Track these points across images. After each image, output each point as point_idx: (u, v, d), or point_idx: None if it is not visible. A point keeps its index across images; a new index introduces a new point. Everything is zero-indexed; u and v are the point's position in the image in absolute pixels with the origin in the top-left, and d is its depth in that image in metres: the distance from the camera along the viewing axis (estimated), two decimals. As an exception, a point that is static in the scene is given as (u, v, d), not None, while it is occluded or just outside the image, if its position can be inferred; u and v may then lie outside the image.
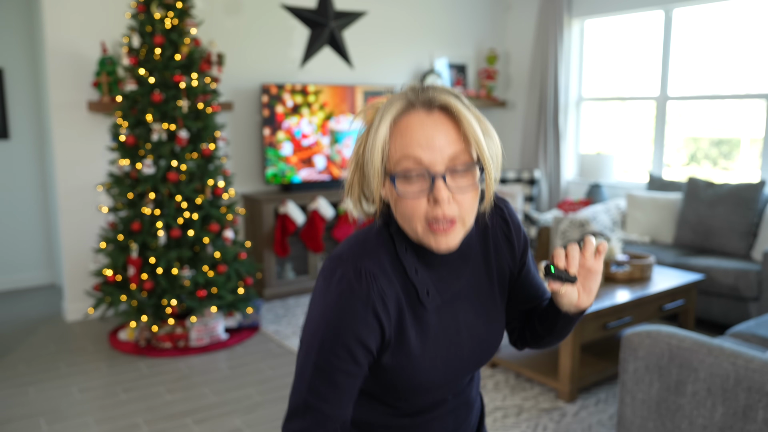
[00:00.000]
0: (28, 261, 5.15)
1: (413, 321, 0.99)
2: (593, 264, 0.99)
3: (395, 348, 0.99)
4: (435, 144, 0.90)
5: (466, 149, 0.92)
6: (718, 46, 4.84)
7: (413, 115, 0.92)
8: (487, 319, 1.08)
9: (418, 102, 0.93)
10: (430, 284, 1.00)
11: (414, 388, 1.02)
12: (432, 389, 1.05)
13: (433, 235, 0.93)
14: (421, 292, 0.99)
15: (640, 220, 4.75)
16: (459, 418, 1.14)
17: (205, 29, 4.56)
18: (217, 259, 3.85)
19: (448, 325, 1.03)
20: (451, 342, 1.03)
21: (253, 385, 3.32)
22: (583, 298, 1.01)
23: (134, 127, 3.78)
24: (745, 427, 1.79)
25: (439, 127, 0.91)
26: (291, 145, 4.83)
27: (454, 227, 0.93)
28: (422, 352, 1.00)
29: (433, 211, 0.91)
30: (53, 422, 2.94)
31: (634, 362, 2.09)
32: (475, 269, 1.06)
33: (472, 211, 0.95)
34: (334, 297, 0.94)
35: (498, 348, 1.12)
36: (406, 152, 0.91)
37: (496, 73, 6.01)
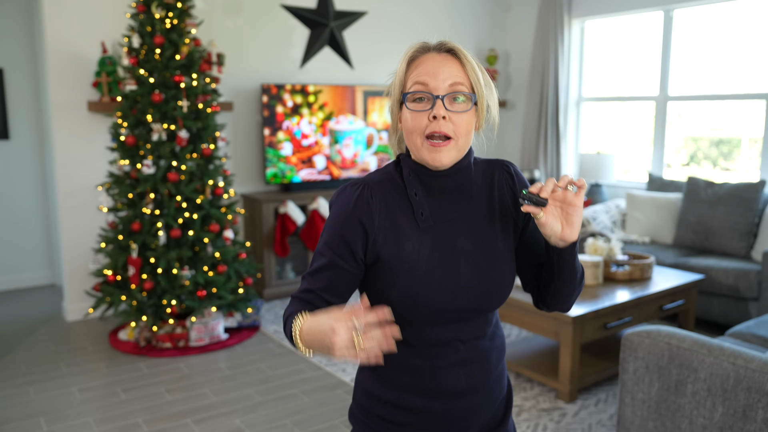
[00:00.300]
0: (28, 261, 5.15)
1: (410, 235, 1.14)
2: (571, 196, 1.09)
3: (391, 255, 1.14)
4: (439, 74, 1.10)
5: (465, 83, 1.11)
6: (718, 46, 4.84)
7: (427, 54, 1.13)
8: (488, 254, 1.17)
9: (432, 46, 1.14)
10: (426, 208, 1.16)
11: (412, 300, 1.13)
12: (430, 309, 1.14)
13: (429, 149, 1.10)
14: (417, 212, 1.15)
15: (640, 220, 4.75)
16: (472, 377, 1.20)
17: (205, 29, 4.56)
18: (217, 259, 3.85)
19: (443, 246, 1.15)
20: (447, 263, 1.15)
21: (253, 385, 3.32)
22: (567, 231, 1.10)
23: (134, 127, 3.78)
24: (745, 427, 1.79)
25: (445, 63, 1.11)
26: (291, 145, 4.83)
27: (447, 144, 1.10)
28: (416, 264, 1.13)
29: (431, 127, 1.09)
30: (53, 422, 2.94)
31: (634, 362, 2.09)
32: (478, 209, 1.19)
33: (466, 134, 1.12)
34: (336, 205, 1.17)
35: (504, 294, 1.20)
36: (416, 79, 1.11)
37: (496, 73, 6.01)
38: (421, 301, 1.14)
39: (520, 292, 3.36)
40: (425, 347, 1.18)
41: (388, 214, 1.15)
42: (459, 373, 1.20)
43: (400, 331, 1.12)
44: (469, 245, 1.17)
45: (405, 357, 1.19)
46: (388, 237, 1.15)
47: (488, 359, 1.23)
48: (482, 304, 1.18)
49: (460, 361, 1.20)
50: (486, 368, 1.23)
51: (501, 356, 1.27)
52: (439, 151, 1.10)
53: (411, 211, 1.16)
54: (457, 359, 1.19)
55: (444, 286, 1.14)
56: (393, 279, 1.14)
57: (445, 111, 1.09)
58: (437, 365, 1.19)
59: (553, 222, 1.09)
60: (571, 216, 1.09)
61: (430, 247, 1.15)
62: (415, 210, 1.15)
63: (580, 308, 3.09)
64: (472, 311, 1.18)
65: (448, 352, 1.19)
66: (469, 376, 1.21)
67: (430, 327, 1.17)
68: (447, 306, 1.15)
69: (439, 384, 1.19)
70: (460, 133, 1.11)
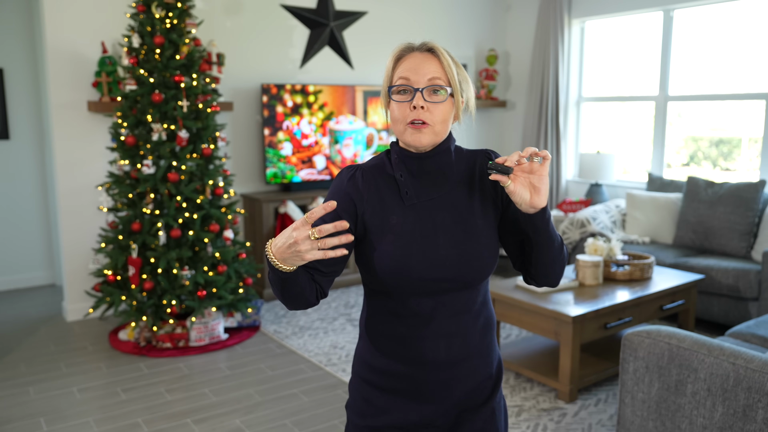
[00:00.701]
0: (28, 261, 5.15)
1: (395, 211, 1.30)
2: (537, 166, 1.19)
3: (376, 227, 1.29)
4: (420, 70, 1.25)
5: (442, 78, 1.26)
6: (718, 46, 4.84)
7: (411, 53, 1.29)
8: (466, 228, 1.30)
9: (415, 46, 1.30)
10: (411, 188, 1.30)
11: (395, 269, 1.26)
12: (411, 277, 1.26)
13: (411, 132, 1.26)
14: (402, 191, 1.30)
15: (640, 220, 4.75)
16: (452, 349, 1.32)
17: (205, 29, 4.56)
18: (217, 259, 3.85)
19: (424, 221, 1.29)
20: (427, 235, 1.28)
21: (253, 385, 3.32)
22: (535, 198, 1.20)
23: (134, 127, 3.78)
24: (745, 427, 1.79)
25: (425, 60, 1.26)
26: (291, 145, 4.84)
27: (425, 127, 1.26)
28: (399, 235, 1.28)
29: (412, 115, 1.25)
30: (53, 422, 2.94)
31: (634, 362, 2.09)
32: (458, 189, 1.32)
33: (442, 121, 1.28)
34: (332, 184, 1.35)
35: (482, 266, 1.29)
36: (401, 75, 1.27)
37: (496, 73, 6.01)
38: (403, 269, 1.26)
39: (519, 291, 3.36)
40: (410, 317, 1.30)
41: (376, 192, 1.31)
42: (440, 344, 1.31)
43: (388, 301, 1.30)
44: (449, 220, 1.29)
45: (393, 326, 1.32)
46: (375, 211, 1.30)
47: (470, 335, 1.33)
48: (460, 274, 1.28)
49: (442, 333, 1.31)
50: (467, 343, 1.33)
51: (486, 334, 1.37)
52: (419, 133, 1.26)
53: (398, 191, 1.31)
54: (439, 331, 1.30)
55: (423, 256, 1.26)
56: (379, 249, 1.28)
57: (423, 102, 1.25)
58: (420, 335, 1.30)
59: (521, 191, 1.20)
60: (538, 184, 1.20)
61: (412, 221, 1.29)
62: (401, 189, 1.30)
63: (580, 308, 3.10)
64: (452, 281, 1.28)
65: (430, 323, 1.30)
66: (449, 348, 1.31)
67: (415, 298, 1.29)
68: (426, 275, 1.26)
69: (421, 353, 1.31)
70: (436, 121, 1.27)
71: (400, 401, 1.34)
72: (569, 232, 4.82)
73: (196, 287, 3.75)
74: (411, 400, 1.34)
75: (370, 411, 1.37)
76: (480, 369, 1.36)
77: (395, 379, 1.34)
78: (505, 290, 3.40)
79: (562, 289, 3.39)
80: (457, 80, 1.28)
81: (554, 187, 5.83)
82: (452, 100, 1.28)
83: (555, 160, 5.78)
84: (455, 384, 1.33)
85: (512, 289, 3.43)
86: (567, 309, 3.08)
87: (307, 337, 3.98)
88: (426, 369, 1.32)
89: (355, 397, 1.41)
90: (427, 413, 1.34)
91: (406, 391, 1.34)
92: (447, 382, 1.33)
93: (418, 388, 1.33)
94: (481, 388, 1.37)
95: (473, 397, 1.36)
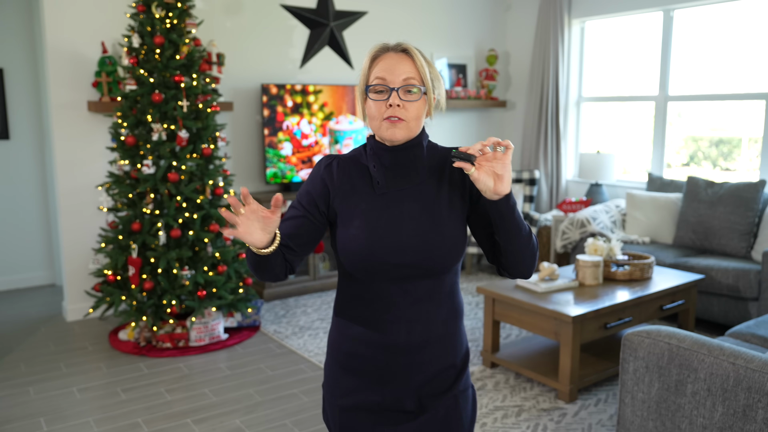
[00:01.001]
0: (28, 261, 5.15)
1: (366, 199, 1.38)
2: (500, 155, 1.27)
3: (346, 212, 1.38)
4: (395, 70, 1.33)
5: (416, 78, 1.34)
6: (718, 46, 4.84)
7: (386, 54, 1.36)
8: (432, 218, 1.36)
9: (390, 47, 1.38)
10: (383, 178, 1.38)
11: (360, 252, 1.34)
12: (375, 260, 1.33)
13: (387, 126, 1.34)
14: (374, 181, 1.38)
15: (640, 220, 4.75)
16: (412, 334, 1.39)
17: (205, 29, 4.56)
18: (217, 259, 3.85)
19: (392, 209, 1.37)
20: (393, 223, 1.36)
21: (253, 385, 3.32)
22: (498, 185, 1.27)
23: (134, 127, 3.78)
24: (745, 427, 1.79)
25: (400, 61, 1.34)
26: (291, 145, 4.84)
27: (399, 123, 1.33)
28: (367, 222, 1.36)
29: (388, 112, 1.33)
30: (53, 422, 2.94)
31: (634, 362, 2.09)
32: (428, 181, 1.40)
33: (415, 118, 1.35)
34: (311, 172, 1.46)
35: (445, 256, 1.35)
36: (377, 75, 1.35)
37: (496, 73, 6.01)
38: (367, 253, 1.33)
39: (519, 291, 3.36)
40: (375, 301, 1.38)
41: (349, 180, 1.40)
42: (401, 329, 1.38)
43: (356, 285, 1.39)
44: (416, 209, 1.37)
45: (359, 310, 1.41)
46: (346, 197, 1.39)
47: (431, 322, 1.40)
48: (422, 261, 1.34)
49: (404, 318, 1.38)
50: (428, 330, 1.40)
51: (449, 323, 1.43)
52: (395, 127, 1.34)
53: (370, 181, 1.40)
54: (401, 316, 1.38)
55: (388, 241, 1.34)
56: (347, 232, 1.36)
57: (399, 100, 1.32)
58: (383, 319, 1.38)
59: (485, 178, 1.26)
60: (501, 171, 1.26)
61: (380, 209, 1.37)
62: (373, 179, 1.39)
63: (580, 308, 3.10)
64: (414, 268, 1.35)
65: (392, 308, 1.38)
66: (410, 333, 1.38)
67: (379, 283, 1.37)
68: (389, 259, 1.34)
69: (383, 336, 1.39)
70: (410, 117, 1.34)
71: (364, 382, 1.42)
72: (569, 232, 4.82)
73: (196, 287, 3.75)
74: (374, 382, 1.41)
75: (339, 391, 1.45)
76: (441, 357, 1.42)
77: (359, 361, 1.42)
78: (505, 290, 3.40)
79: (562, 289, 3.39)
80: (429, 79, 1.36)
81: (554, 187, 5.83)
82: (425, 98, 1.36)
83: (555, 160, 5.78)
84: (415, 369, 1.40)
85: (512, 289, 3.43)
86: (567, 309, 3.08)
87: (307, 337, 3.98)
88: (388, 352, 1.39)
89: (327, 376, 1.49)
90: (389, 396, 1.41)
91: (370, 373, 1.41)
92: (408, 366, 1.40)
93: (380, 371, 1.41)
94: (444, 376, 1.43)
95: (435, 383, 1.42)
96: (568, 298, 3.26)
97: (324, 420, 1.53)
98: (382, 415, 1.42)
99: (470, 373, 1.53)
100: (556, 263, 5.04)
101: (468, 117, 6.16)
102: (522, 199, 5.60)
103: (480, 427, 2.85)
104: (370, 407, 1.42)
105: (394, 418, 1.42)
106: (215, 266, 3.87)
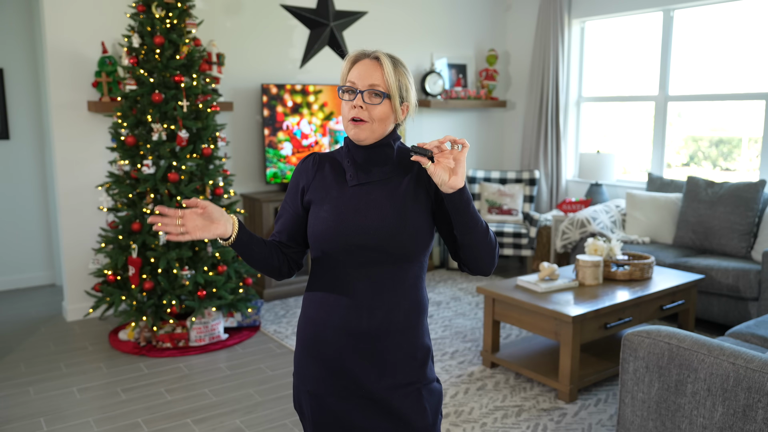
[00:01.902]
0: (28, 261, 5.15)
1: (337, 188, 1.51)
2: (456, 152, 1.38)
3: (318, 197, 1.52)
4: (364, 76, 1.46)
5: (381, 85, 1.46)
6: (718, 46, 4.84)
7: (362, 60, 1.49)
8: (396, 206, 1.47)
9: (367, 54, 1.50)
10: (353, 172, 1.51)
11: (327, 232, 1.46)
12: (340, 239, 1.45)
13: (351, 127, 1.47)
14: (347, 175, 1.52)
15: (640, 220, 4.75)
16: (373, 321, 1.46)
17: (205, 29, 4.56)
18: (217, 259, 3.85)
19: (360, 197, 1.49)
20: (359, 208, 1.48)
21: (253, 385, 3.32)
22: (453, 179, 1.37)
23: (134, 127, 3.78)
24: (745, 427, 1.79)
25: (371, 68, 1.47)
26: (291, 145, 4.84)
27: (363, 124, 1.46)
28: (336, 207, 1.49)
29: (352, 113, 1.46)
30: (53, 422, 2.94)
31: (634, 362, 2.09)
32: (396, 177, 1.52)
33: (379, 120, 1.47)
34: (295, 169, 1.61)
35: (406, 242, 1.45)
36: (349, 78, 1.48)
37: (496, 73, 6.01)
38: (332, 233, 1.45)
39: (519, 291, 3.36)
40: (338, 285, 1.48)
41: (323, 172, 1.54)
42: (363, 314, 1.46)
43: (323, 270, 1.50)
44: (382, 198, 1.48)
45: (324, 295, 1.50)
46: (319, 187, 1.53)
47: (393, 311, 1.48)
48: (383, 244, 1.44)
49: (365, 304, 1.46)
50: (389, 319, 1.47)
51: (411, 316, 1.50)
52: (358, 128, 1.46)
53: (344, 174, 1.53)
54: (363, 301, 1.46)
55: (352, 223, 1.45)
56: (317, 216, 1.49)
57: (362, 102, 1.45)
58: (345, 303, 1.47)
59: (441, 172, 1.36)
60: (456, 168, 1.37)
61: (349, 197, 1.49)
62: (346, 173, 1.52)
63: (580, 308, 3.10)
64: (375, 251, 1.45)
65: (355, 292, 1.46)
66: (371, 319, 1.46)
67: (343, 267, 1.47)
68: (352, 240, 1.44)
69: (344, 320, 1.47)
70: (373, 119, 1.46)
71: (329, 368, 1.49)
72: (569, 232, 4.82)
73: (196, 287, 3.75)
74: (339, 367, 1.48)
75: (307, 376, 1.52)
76: (403, 347, 1.49)
77: (324, 346, 1.49)
78: (505, 290, 3.40)
79: (562, 289, 3.39)
80: (395, 87, 1.47)
81: (554, 187, 5.83)
82: (389, 103, 1.47)
83: (555, 160, 5.78)
84: (378, 356, 1.47)
85: (512, 289, 3.43)
86: (567, 309, 3.08)
87: (307, 337, 3.98)
88: (350, 337, 1.47)
89: (296, 362, 1.57)
90: (352, 382, 1.48)
91: (334, 358, 1.48)
92: (370, 352, 1.47)
93: (342, 357, 1.48)
94: (406, 367, 1.50)
95: (398, 374, 1.49)
96: (568, 298, 3.26)
97: (296, 408, 1.60)
98: (351, 402, 1.49)
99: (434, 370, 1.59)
100: (556, 263, 5.04)
101: (468, 117, 6.16)
102: (522, 199, 5.60)
103: (480, 427, 2.85)
104: (339, 393, 1.49)
105: (363, 405, 1.49)
106: (215, 266, 3.87)
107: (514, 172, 5.68)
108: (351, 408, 1.49)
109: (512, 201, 5.57)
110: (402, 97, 1.49)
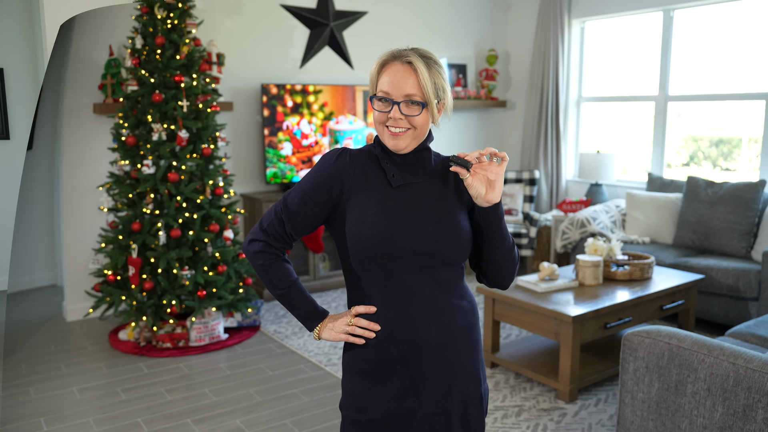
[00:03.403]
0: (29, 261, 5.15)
1: (380, 189, 1.40)
2: (495, 166, 1.34)
3: (364, 201, 1.38)
4: (398, 85, 1.35)
5: (418, 94, 1.35)
6: (718, 46, 4.84)
7: (393, 64, 1.37)
8: (444, 209, 1.41)
9: (398, 55, 1.38)
10: (397, 172, 1.41)
11: (380, 237, 1.34)
12: (396, 245, 1.34)
13: (389, 136, 1.38)
14: (389, 174, 1.40)
15: (640, 220, 4.75)
16: (442, 328, 1.38)
17: (205, 29, 4.56)
18: (217, 259, 3.85)
19: (407, 199, 1.40)
20: (410, 210, 1.38)
21: (253, 385, 3.32)
22: (490, 193, 1.34)
23: (135, 127, 3.78)
24: (744, 427, 1.79)
25: (405, 75, 1.35)
26: (291, 145, 4.84)
27: (403, 134, 1.37)
28: (386, 210, 1.37)
29: (388, 122, 1.37)
30: (53, 422, 2.94)
31: (634, 362, 2.09)
32: (435, 180, 1.44)
33: (421, 126, 1.37)
34: (319, 161, 1.45)
35: (460, 244, 1.39)
36: (381, 88, 1.38)
37: (496, 73, 6.01)
38: (388, 238, 1.34)
39: (519, 291, 3.36)
40: (396, 297, 1.37)
41: (362, 171, 1.41)
42: (430, 323, 1.37)
43: (374, 281, 1.38)
44: (429, 201, 1.41)
45: (380, 310, 1.39)
46: (359, 188, 1.40)
47: (456, 316, 1.41)
48: (440, 248, 1.37)
49: (430, 312, 1.38)
50: (455, 325, 1.40)
51: (469, 316, 1.44)
52: (395, 139, 1.37)
53: (383, 175, 1.41)
54: (426, 310, 1.37)
55: (407, 226, 1.36)
56: (364, 220, 1.36)
57: (400, 114, 1.35)
58: (408, 315, 1.37)
59: (478, 185, 1.33)
60: (494, 182, 1.33)
61: (396, 198, 1.39)
62: (387, 173, 1.41)
63: (580, 308, 3.10)
64: (433, 256, 1.37)
65: (417, 302, 1.37)
66: (439, 327, 1.38)
67: (400, 274, 1.36)
68: (409, 245, 1.35)
69: (411, 333, 1.37)
70: (416, 125, 1.37)
71: (395, 388, 1.38)
72: (569, 232, 4.82)
73: (196, 287, 3.75)
74: (408, 385, 1.38)
75: (369, 403, 1.39)
76: (468, 351, 1.43)
77: (388, 366, 1.38)
78: (505, 290, 3.40)
79: (562, 289, 3.39)
80: (432, 93, 1.37)
81: (554, 187, 5.83)
82: (427, 110, 1.37)
83: (555, 160, 5.78)
84: (447, 365, 1.39)
85: (512, 289, 3.43)
86: (567, 309, 3.08)
87: (307, 337, 3.98)
88: (417, 349, 1.37)
89: (349, 392, 1.43)
90: (425, 398, 1.38)
91: (402, 376, 1.38)
92: (440, 363, 1.38)
93: (412, 372, 1.37)
94: (470, 371, 1.43)
95: (465, 380, 1.42)
96: (568, 298, 3.26)
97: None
98: (417, 422, 1.39)
99: None
100: (556, 263, 5.04)
101: (468, 117, 6.16)
102: (522, 199, 5.60)
103: (480, 427, 2.86)
104: (406, 415, 1.38)
105: (430, 422, 1.39)
106: (215, 266, 3.87)
107: (514, 172, 5.68)
108: (421, 428, 1.40)
109: (512, 201, 5.57)
110: (439, 98, 1.39)
